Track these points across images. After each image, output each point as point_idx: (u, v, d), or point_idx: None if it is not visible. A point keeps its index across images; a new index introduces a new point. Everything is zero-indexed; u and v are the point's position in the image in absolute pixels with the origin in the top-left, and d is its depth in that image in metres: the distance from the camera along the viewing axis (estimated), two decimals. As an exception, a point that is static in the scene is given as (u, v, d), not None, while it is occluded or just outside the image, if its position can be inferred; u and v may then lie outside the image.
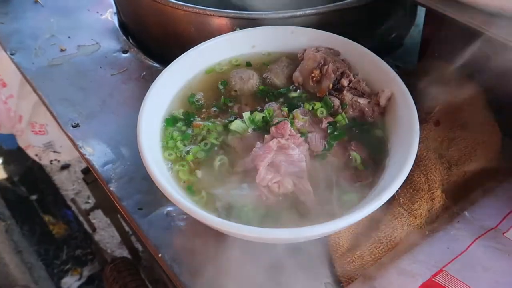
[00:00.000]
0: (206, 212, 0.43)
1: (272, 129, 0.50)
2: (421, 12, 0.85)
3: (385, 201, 0.41)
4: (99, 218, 2.15)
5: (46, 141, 1.46)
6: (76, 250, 2.19)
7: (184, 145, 0.52)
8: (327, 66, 0.54)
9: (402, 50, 0.82)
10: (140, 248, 1.92)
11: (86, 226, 2.17)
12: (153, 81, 0.56)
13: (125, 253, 1.97)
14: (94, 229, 1.70)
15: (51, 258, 2.16)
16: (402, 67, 0.77)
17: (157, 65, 0.78)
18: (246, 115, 0.53)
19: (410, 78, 0.68)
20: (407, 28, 0.82)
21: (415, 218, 0.52)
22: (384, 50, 0.78)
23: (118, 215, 1.52)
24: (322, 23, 0.65)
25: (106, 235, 2.20)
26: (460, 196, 0.57)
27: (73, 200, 1.88)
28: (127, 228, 1.69)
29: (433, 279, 0.44)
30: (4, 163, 2.46)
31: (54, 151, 1.51)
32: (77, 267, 2.12)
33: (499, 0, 0.41)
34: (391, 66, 0.77)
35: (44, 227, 2.25)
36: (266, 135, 0.51)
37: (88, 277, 2.08)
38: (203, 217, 0.41)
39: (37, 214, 2.30)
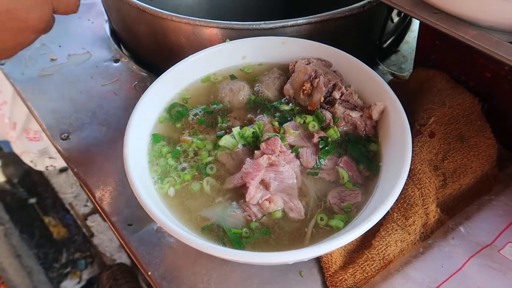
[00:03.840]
0: (193, 235, 0.42)
1: (263, 145, 0.49)
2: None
3: (375, 223, 0.40)
4: (97, 222, 2.14)
5: (41, 148, 1.45)
6: (75, 253, 2.18)
7: (176, 162, 0.51)
8: (318, 79, 0.53)
9: (398, 56, 0.81)
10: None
11: (84, 230, 2.17)
12: (144, 91, 0.55)
13: (124, 256, 1.96)
14: (92, 235, 1.69)
15: (50, 262, 2.15)
16: (397, 74, 0.76)
17: (148, 74, 0.77)
18: (236, 130, 0.51)
19: (404, 87, 0.67)
20: (401, 35, 0.81)
21: (409, 234, 0.51)
22: (379, 56, 0.77)
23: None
24: (315, 32, 0.64)
25: (105, 239, 2.19)
26: (456, 210, 0.56)
27: (70, 204, 1.88)
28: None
29: (426, 300, 0.43)
30: (2, 165, 2.45)
31: (50, 157, 1.50)
32: (76, 270, 2.11)
33: (491, 17, 0.40)
34: (386, 73, 0.76)
35: (43, 230, 2.25)
36: (256, 151, 0.50)
37: (88, 280, 2.08)
38: (187, 240, 0.40)
39: (36, 217, 2.30)
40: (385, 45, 0.77)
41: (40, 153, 1.46)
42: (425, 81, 0.64)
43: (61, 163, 1.61)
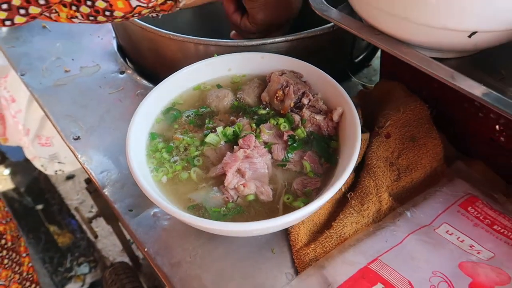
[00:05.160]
0: (177, 209, 0.52)
1: (240, 141, 0.60)
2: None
3: (325, 201, 0.50)
4: (101, 227, 2.23)
5: (51, 153, 1.57)
6: (79, 258, 2.27)
7: (169, 155, 0.62)
8: (288, 87, 0.64)
9: (369, 69, 0.91)
10: (140, 256, 2.00)
11: (89, 234, 2.26)
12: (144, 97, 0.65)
13: (126, 260, 2.04)
14: (96, 236, 1.78)
15: (55, 266, 2.24)
16: (366, 85, 0.86)
17: (150, 84, 0.88)
18: (219, 129, 0.62)
19: (370, 96, 0.78)
20: (373, 51, 0.92)
21: (363, 217, 0.61)
22: (352, 70, 0.88)
23: (119, 223, 1.61)
24: (292, 49, 0.75)
25: (108, 243, 2.28)
26: (408, 200, 0.65)
27: (76, 209, 1.97)
28: (128, 237, 1.78)
29: (368, 266, 0.52)
30: (11, 173, 2.55)
31: (59, 162, 1.61)
32: (80, 274, 2.20)
33: (419, 38, 0.51)
34: (358, 84, 0.87)
35: (49, 235, 2.34)
36: (235, 146, 0.60)
37: (91, 284, 2.15)
38: (174, 213, 0.50)
39: (43, 223, 2.39)
40: (357, 60, 0.88)
41: (50, 158, 1.58)
42: (386, 91, 0.75)
43: (69, 168, 1.71)
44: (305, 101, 0.64)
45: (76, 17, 0.53)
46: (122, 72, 0.92)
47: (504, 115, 0.46)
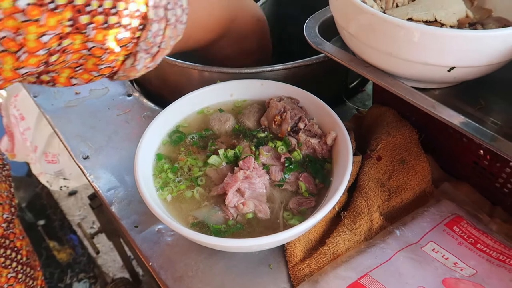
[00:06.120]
0: (181, 225, 0.56)
1: (240, 162, 0.64)
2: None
3: (318, 220, 0.54)
4: (102, 243, 2.26)
5: (57, 169, 1.61)
6: (79, 274, 2.28)
7: (174, 175, 0.66)
8: (286, 113, 0.68)
9: (363, 94, 0.97)
10: (140, 272, 2.03)
11: (90, 250, 2.28)
12: (151, 121, 0.70)
13: (126, 276, 2.06)
14: (97, 252, 1.81)
15: (56, 282, 2.25)
16: (360, 109, 0.91)
17: (155, 107, 0.93)
18: (221, 151, 0.66)
19: (363, 120, 0.82)
20: (366, 78, 0.97)
21: (355, 235, 0.65)
22: (347, 95, 0.93)
23: (121, 239, 1.64)
24: (289, 76, 0.80)
25: (109, 259, 2.30)
26: (398, 219, 0.69)
27: (79, 224, 2.00)
28: (129, 253, 1.80)
29: (358, 281, 0.56)
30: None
31: (64, 178, 1.65)
32: (80, 290, 2.21)
33: (404, 71, 0.56)
34: (352, 108, 0.92)
35: (49, 251, 2.36)
36: (236, 167, 0.64)
37: (91, 300, 2.16)
38: (178, 229, 0.54)
39: (43, 239, 2.41)
40: (351, 86, 0.93)
41: (56, 175, 1.62)
42: (378, 116, 0.79)
43: (73, 184, 1.75)
44: (301, 125, 0.69)
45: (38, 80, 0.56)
46: (129, 95, 0.97)
47: (481, 143, 0.50)
